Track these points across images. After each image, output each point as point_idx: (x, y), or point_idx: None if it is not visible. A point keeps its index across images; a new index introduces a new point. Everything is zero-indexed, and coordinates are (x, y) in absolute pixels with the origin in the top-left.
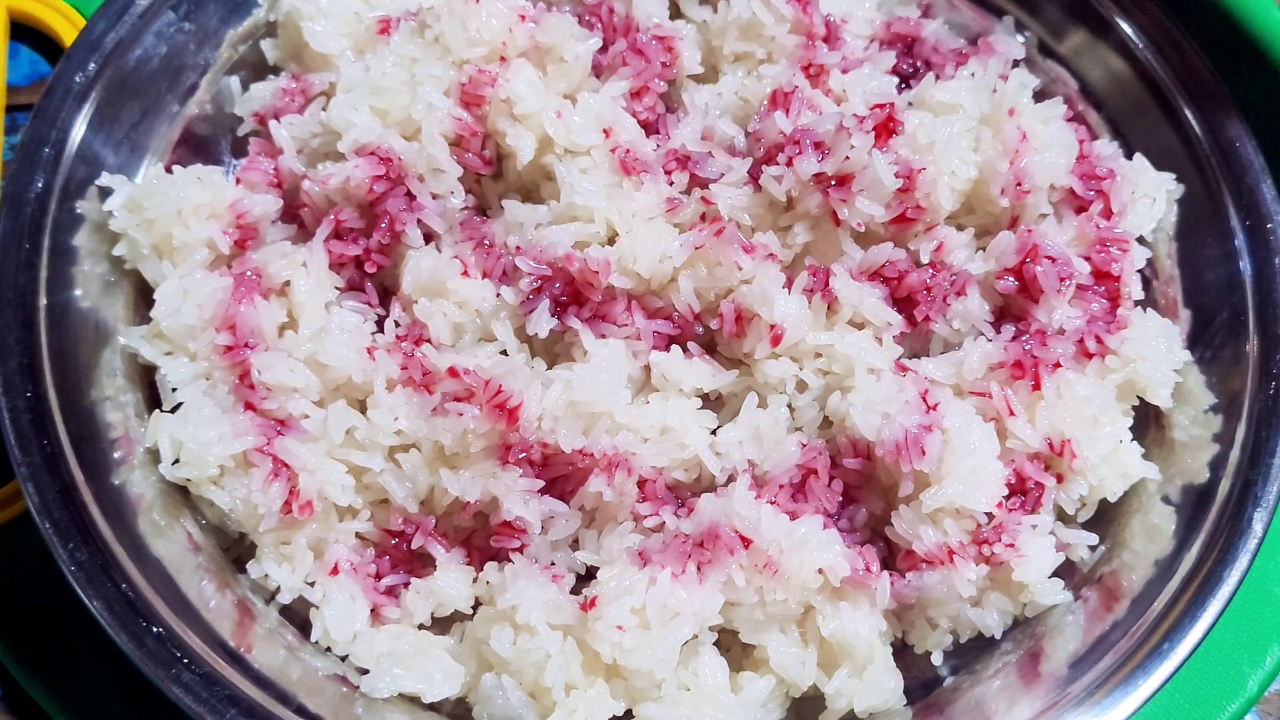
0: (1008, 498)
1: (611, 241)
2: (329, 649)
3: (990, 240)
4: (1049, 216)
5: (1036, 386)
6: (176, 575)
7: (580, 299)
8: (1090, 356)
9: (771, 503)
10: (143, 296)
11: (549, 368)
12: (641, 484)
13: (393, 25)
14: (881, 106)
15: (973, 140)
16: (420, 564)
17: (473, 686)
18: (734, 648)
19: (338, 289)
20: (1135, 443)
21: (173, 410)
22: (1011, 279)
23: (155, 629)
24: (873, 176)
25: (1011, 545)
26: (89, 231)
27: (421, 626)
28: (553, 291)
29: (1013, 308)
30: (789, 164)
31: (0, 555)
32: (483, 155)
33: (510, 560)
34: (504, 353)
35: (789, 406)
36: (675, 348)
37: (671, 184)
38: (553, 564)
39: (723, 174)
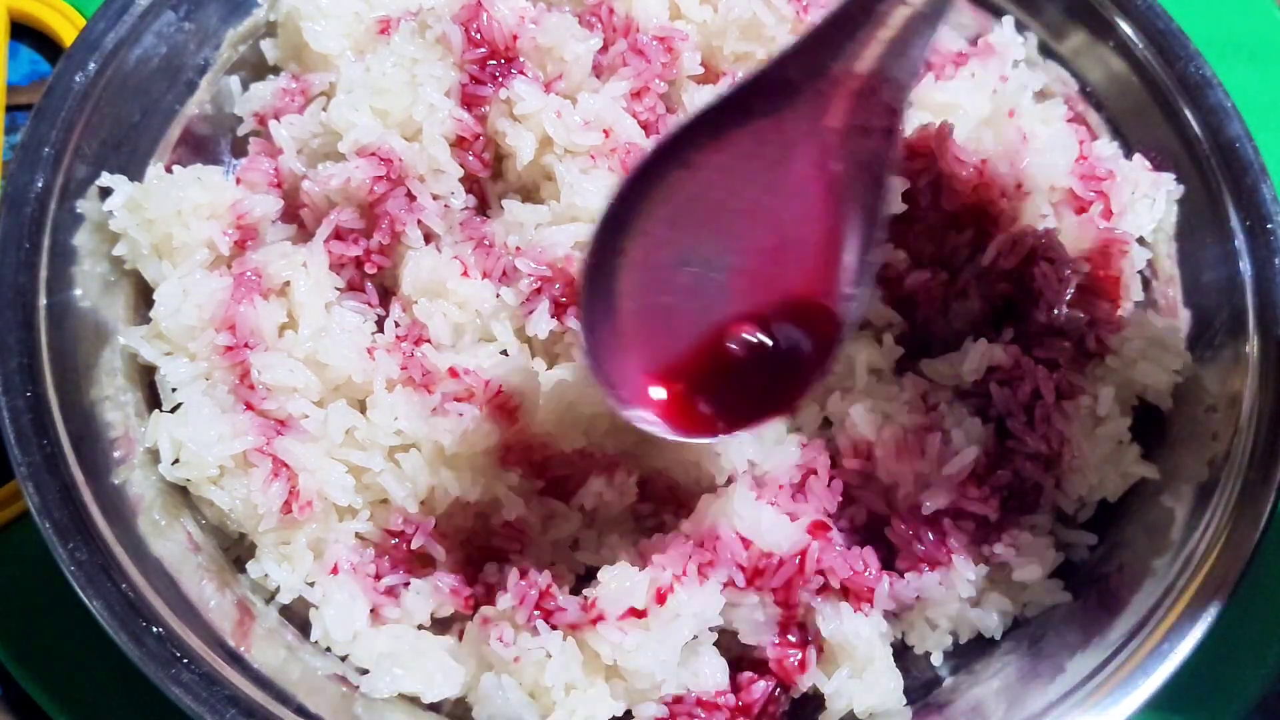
0: (1007, 498)
1: None
2: (329, 649)
3: (990, 240)
4: (1049, 217)
5: (1036, 387)
6: (176, 575)
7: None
8: (1090, 356)
9: (772, 503)
10: (143, 296)
11: (549, 368)
12: (641, 484)
13: (393, 25)
14: None
15: (973, 141)
16: (420, 564)
17: (473, 686)
18: (734, 648)
19: (338, 289)
20: (1135, 443)
21: (173, 410)
22: (1010, 280)
23: (155, 629)
24: None
25: (1011, 545)
26: (89, 231)
27: (421, 626)
28: (552, 292)
29: (1012, 309)
30: None
31: (0, 555)
32: (482, 157)
33: (510, 560)
34: (504, 353)
35: None
36: None
37: None
38: (553, 564)
39: None
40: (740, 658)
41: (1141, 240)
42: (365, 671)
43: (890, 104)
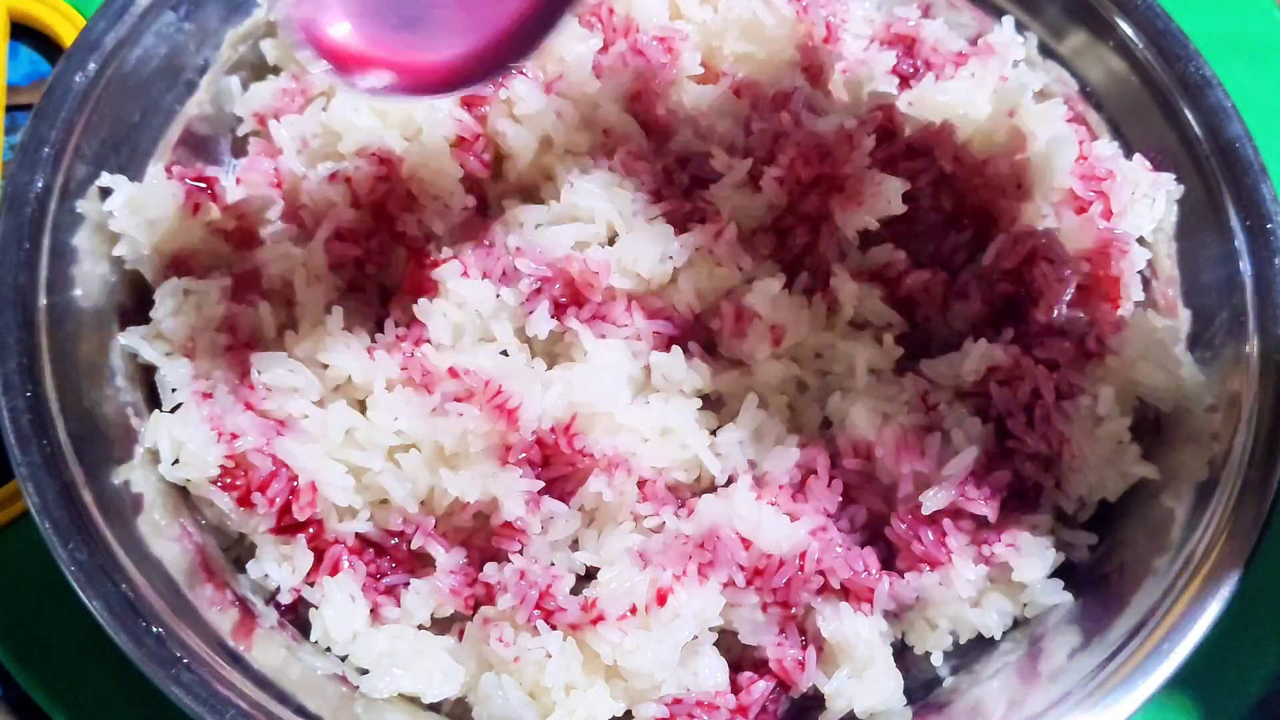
0: (1007, 498)
1: (611, 242)
2: (329, 649)
3: (990, 240)
4: (1049, 217)
5: (1036, 387)
6: (176, 575)
7: (580, 300)
8: (1090, 356)
9: (772, 503)
10: (143, 296)
11: (549, 368)
12: (641, 484)
13: None
14: (882, 108)
15: (973, 141)
16: (420, 564)
17: (473, 686)
18: (734, 648)
19: (338, 289)
20: (1135, 443)
21: (173, 410)
22: (1010, 280)
23: (155, 629)
24: (879, 192)
25: (1011, 545)
26: (89, 231)
27: (421, 626)
28: (552, 292)
29: (1012, 309)
30: (789, 165)
31: (0, 555)
32: (482, 158)
33: (510, 560)
34: (504, 353)
35: (789, 406)
36: (675, 348)
37: (671, 184)
38: (553, 564)
39: (723, 174)
40: (740, 658)
41: (1141, 240)
42: (365, 671)
43: None
